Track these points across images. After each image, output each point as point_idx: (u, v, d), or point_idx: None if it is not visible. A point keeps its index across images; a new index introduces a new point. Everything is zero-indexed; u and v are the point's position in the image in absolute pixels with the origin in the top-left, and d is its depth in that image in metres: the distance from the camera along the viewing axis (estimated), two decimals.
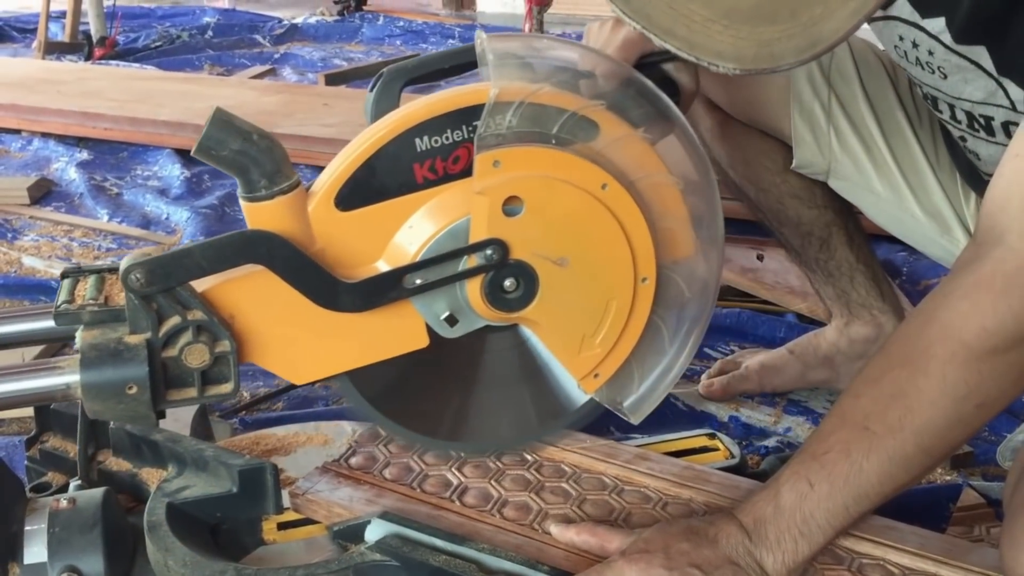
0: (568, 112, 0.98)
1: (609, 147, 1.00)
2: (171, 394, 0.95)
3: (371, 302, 0.98)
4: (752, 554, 0.94)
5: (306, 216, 0.97)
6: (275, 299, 0.96)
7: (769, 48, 0.79)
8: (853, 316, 1.56)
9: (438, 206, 0.99)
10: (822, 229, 1.52)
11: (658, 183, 1.03)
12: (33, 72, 3.72)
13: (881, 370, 0.95)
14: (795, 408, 1.59)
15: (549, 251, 1.00)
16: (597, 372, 1.05)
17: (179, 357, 0.93)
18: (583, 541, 1.04)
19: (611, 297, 1.03)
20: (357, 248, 0.99)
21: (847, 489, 0.93)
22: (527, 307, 1.01)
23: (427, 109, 0.98)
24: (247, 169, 0.94)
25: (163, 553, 1.02)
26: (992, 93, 1.10)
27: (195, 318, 0.93)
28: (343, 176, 0.97)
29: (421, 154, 0.98)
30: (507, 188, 0.97)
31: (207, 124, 0.92)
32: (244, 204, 0.96)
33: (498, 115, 0.95)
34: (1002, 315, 0.88)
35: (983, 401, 0.90)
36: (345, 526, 1.09)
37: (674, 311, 1.08)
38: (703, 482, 1.16)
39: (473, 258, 0.98)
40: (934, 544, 1.06)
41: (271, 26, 4.90)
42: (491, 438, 1.16)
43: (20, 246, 2.34)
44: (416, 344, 1.02)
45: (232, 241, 0.94)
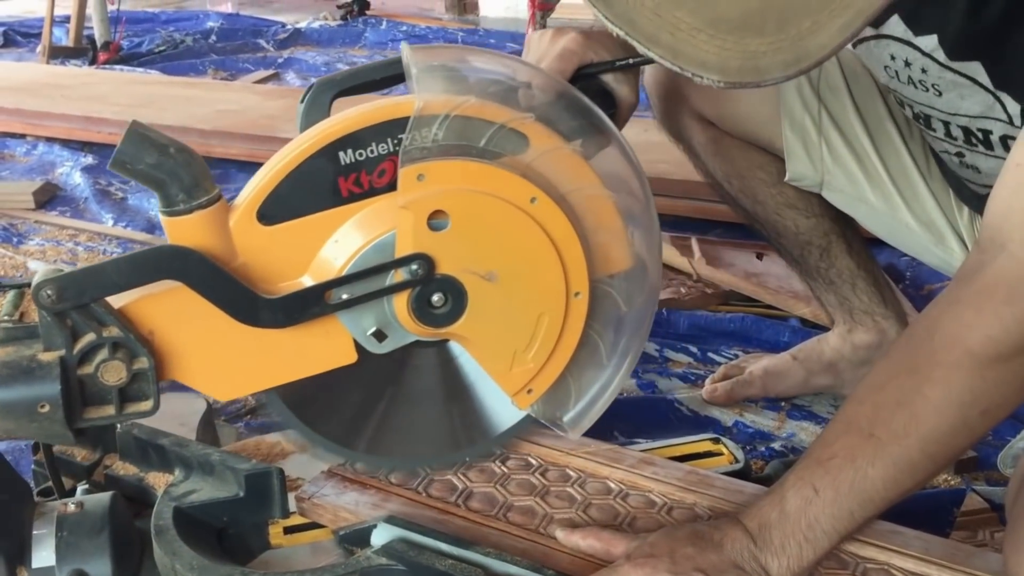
0: (495, 125, 0.97)
1: (539, 160, 0.99)
2: (88, 412, 0.94)
3: (293, 318, 0.97)
4: (757, 559, 0.95)
5: (227, 230, 0.96)
6: (195, 315, 0.95)
7: (755, 61, 0.77)
8: (856, 323, 1.56)
9: (364, 220, 0.98)
10: (821, 238, 1.52)
11: (591, 196, 1.02)
12: (38, 76, 3.73)
13: (886, 377, 0.95)
14: (799, 413, 1.59)
15: (477, 266, 0.99)
16: (530, 388, 1.05)
17: (95, 374, 0.92)
18: (588, 545, 1.04)
19: (542, 312, 1.02)
20: (282, 263, 0.98)
21: (852, 495, 0.93)
22: (456, 322, 1.00)
23: (350, 122, 0.97)
24: (164, 183, 0.93)
25: (170, 557, 1.02)
26: (990, 107, 1.11)
27: (111, 335, 0.92)
28: (265, 190, 0.96)
29: (345, 167, 0.97)
30: (432, 202, 0.96)
31: (122, 138, 0.91)
32: (163, 219, 0.95)
33: (423, 128, 0.94)
34: (1006, 323, 0.88)
35: (988, 408, 0.91)
36: (351, 530, 1.09)
37: (611, 326, 1.07)
38: (707, 487, 1.16)
39: (400, 273, 0.97)
40: (938, 549, 1.06)
41: (275, 31, 4.91)
42: (416, 453, 1.15)
43: (25, 250, 2.35)
44: (344, 360, 1.01)
45: (147, 257, 0.93)
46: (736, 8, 0.77)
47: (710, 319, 1.89)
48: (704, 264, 2.01)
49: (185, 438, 1.21)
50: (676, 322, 1.89)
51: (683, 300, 1.94)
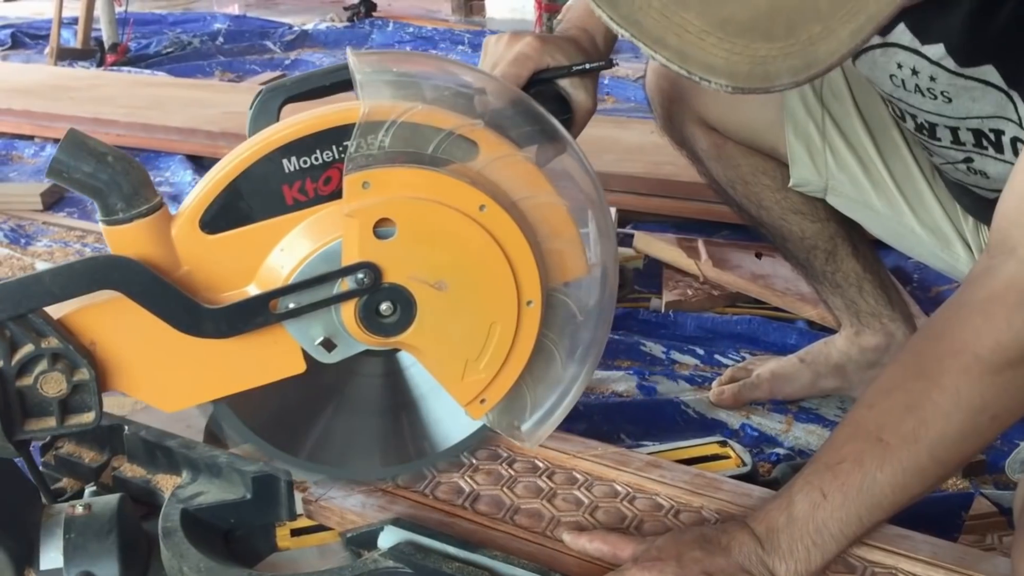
0: (444, 131, 0.96)
1: (488, 167, 0.97)
2: (29, 424, 0.93)
3: (237, 328, 0.96)
4: (764, 563, 0.95)
5: (169, 239, 0.95)
6: (138, 325, 0.94)
7: (764, 66, 0.76)
8: (863, 325, 1.56)
9: (310, 228, 0.97)
10: (826, 241, 1.52)
11: (543, 204, 1.01)
12: (46, 79, 3.74)
13: (895, 381, 0.95)
14: (806, 416, 1.59)
15: (425, 274, 0.97)
16: (483, 397, 1.04)
17: (35, 386, 0.91)
18: (595, 549, 1.04)
19: (494, 321, 1.00)
20: (226, 271, 0.97)
21: (860, 499, 0.93)
22: (405, 332, 0.99)
23: (294, 130, 0.95)
24: (102, 192, 0.92)
25: (177, 559, 1.02)
26: (1002, 106, 1.10)
27: (50, 346, 0.91)
28: (207, 198, 0.95)
29: (290, 175, 0.95)
30: (378, 210, 0.95)
31: (59, 145, 0.91)
32: (103, 228, 0.94)
33: (369, 134, 0.93)
34: (1016, 329, 0.88)
35: (997, 413, 0.90)
36: (358, 533, 1.09)
37: (567, 333, 1.06)
38: (715, 490, 1.16)
39: (346, 282, 0.96)
40: (946, 553, 1.06)
41: (282, 32, 4.92)
42: (361, 463, 1.15)
43: (33, 252, 2.35)
44: (293, 370, 1.00)
45: (85, 266, 0.92)
46: (745, 10, 0.75)
47: (717, 321, 1.88)
48: (711, 266, 2.00)
49: (192, 440, 1.21)
50: (683, 324, 1.88)
51: (690, 302, 1.94)
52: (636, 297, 2.01)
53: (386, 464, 1.16)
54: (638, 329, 1.88)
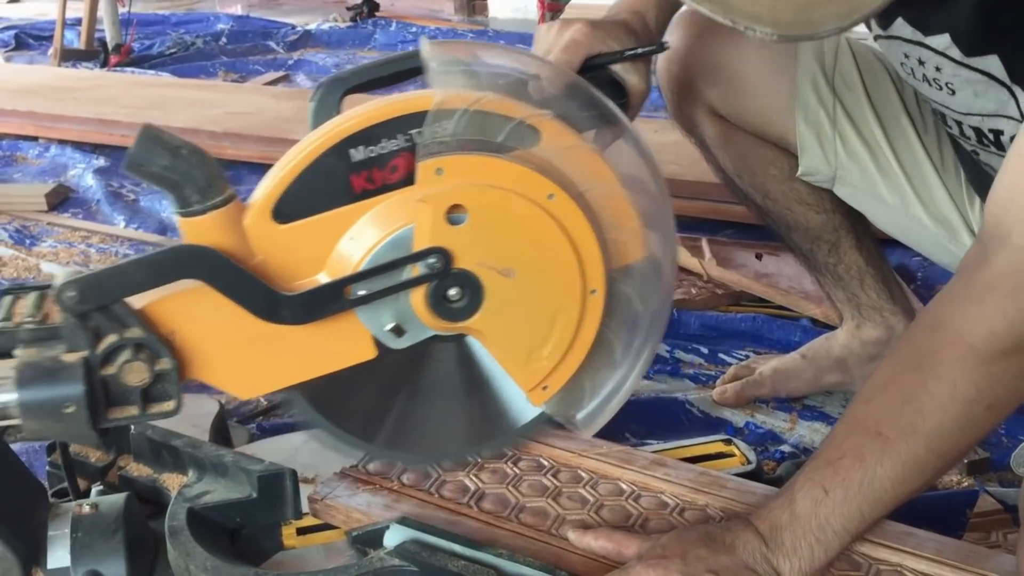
0: (514, 120, 0.96)
1: (557, 157, 0.98)
2: (112, 412, 0.94)
3: (313, 314, 0.97)
4: (768, 560, 0.95)
5: (242, 230, 0.96)
6: (216, 314, 0.95)
7: (807, 14, 0.76)
8: (864, 319, 1.56)
9: (379, 216, 0.98)
10: (831, 233, 1.52)
11: (607, 194, 1.01)
12: (49, 79, 3.75)
13: (891, 375, 0.95)
14: (810, 413, 1.59)
15: (494, 261, 0.98)
16: (545, 384, 1.05)
17: (118, 375, 0.92)
18: (600, 547, 1.04)
19: (559, 309, 1.01)
20: (297, 260, 0.98)
21: (862, 495, 0.93)
22: (472, 317, 1.00)
23: (360, 119, 0.96)
24: (178, 185, 0.93)
25: (184, 558, 1.03)
26: (1004, 104, 1.10)
27: (133, 336, 0.92)
28: (278, 189, 0.96)
29: (357, 164, 0.96)
30: (450, 196, 0.96)
31: (135, 141, 0.91)
32: (178, 220, 0.95)
33: (441, 122, 0.94)
34: (1011, 318, 0.88)
35: (993, 403, 0.90)
36: (364, 531, 1.09)
37: (626, 325, 1.06)
38: (719, 488, 1.16)
39: (417, 267, 0.97)
40: (951, 550, 1.05)
41: (285, 32, 4.92)
42: (434, 448, 1.15)
43: (38, 252, 2.36)
44: (364, 356, 1.01)
45: (167, 256, 0.93)
46: None
47: (721, 320, 1.89)
48: (715, 265, 2.01)
49: (198, 439, 1.22)
50: (687, 323, 1.88)
51: (694, 301, 1.94)
52: None
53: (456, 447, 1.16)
54: None
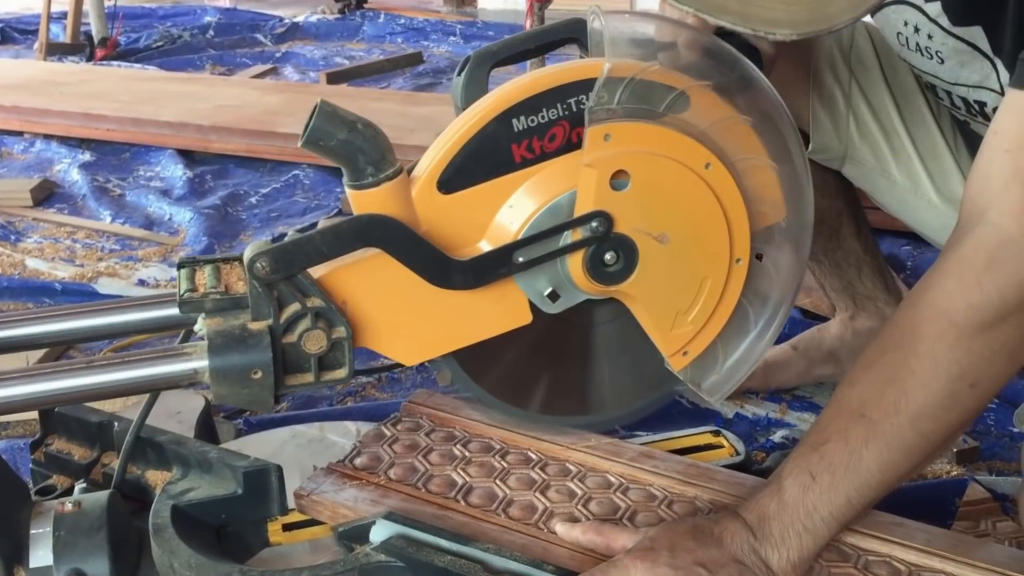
0: (677, 91, 0.99)
1: (712, 127, 1.01)
2: (289, 379, 0.98)
3: (482, 279, 1.00)
4: (757, 552, 0.94)
5: (410, 200, 0.99)
6: (386, 283, 0.99)
7: (823, 9, 0.79)
8: (859, 309, 1.56)
9: (538, 184, 1.01)
10: (833, 218, 1.52)
11: (757, 167, 1.04)
12: (35, 74, 3.72)
13: (874, 355, 0.95)
14: (800, 403, 1.59)
15: (651, 226, 1.01)
16: (686, 350, 1.06)
17: (298, 343, 0.96)
18: (589, 540, 1.03)
19: (706, 276, 1.04)
20: (460, 229, 1.01)
21: (848, 479, 0.92)
22: (626, 281, 1.02)
23: (523, 89, 0.99)
24: (354, 158, 0.96)
25: (168, 555, 1.02)
26: (987, 76, 1.11)
27: (313, 305, 0.96)
28: (444, 160, 1.00)
29: (518, 134, 1.00)
30: (616, 162, 0.98)
31: (314, 117, 0.95)
32: (350, 192, 0.98)
33: (610, 89, 0.96)
34: (987, 291, 0.88)
35: (977, 380, 0.90)
36: (350, 527, 1.08)
37: (761, 294, 1.08)
38: (708, 479, 1.16)
39: (578, 231, 1.00)
40: (940, 540, 1.05)
41: (272, 25, 4.91)
42: (601, 411, 1.18)
43: (24, 248, 2.35)
44: (520, 321, 1.04)
45: (351, 226, 0.97)
46: None
47: None
48: None
49: (183, 435, 1.20)
50: None
51: None
52: None
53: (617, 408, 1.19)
54: None
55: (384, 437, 1.23)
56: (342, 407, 1.61)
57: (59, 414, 1.23)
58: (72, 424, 1.22)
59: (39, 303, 2.02)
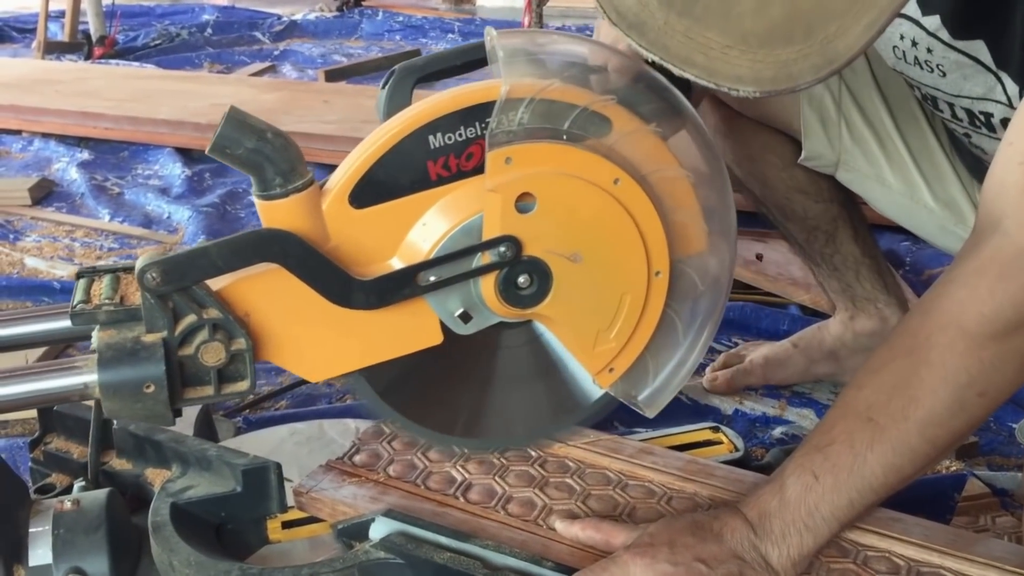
0: (579, 107, 0.97)
1: (621, 142, 0.99)
2: (188, 392, 0.95)
3: (385, 299, 0.98)
4: (757, 548, 0.94)
5: (320, 214, 0.97)
6: (290, 297, 0.97)
7: (787, 69, 0.79)
8: (858, 310, 1.56)
9: (452, 203, 0.99)
10: (828, 223, 1.51)
11: (670, 177, 1.02)
12: (33, 72, 3.72)
13: (883, 361, 0.95)
14: (799, 400, 1.59)
15: (562, 247, 0.99)
16: (612, 366, 1.05)
17: (195, 355, 0.93)
18: (588, 537, 1.04)
19: (625, 291, 1.02)
20: (371, 245, 0.99)
21: (852, 481, 0.92)
22: (541, 303, 1.01)
23: (440, 106, 0.98)
24: (262, 167, 0.94)
25: (168, 553, 1.02)
26: (991, 88, 1.10)
27: (211, 316, 0.93)
28: (357, 174, 0.97)
29: (434, 151, 0.98)
30: (519, 185, 0.97)
31: (222, 123, 0.93)
32: (258, 202, 0.96)
33: (509, 112, 0.95)
34: (999, 301, 0.88)
35: (985, 389, 0.90)
36: (349, 524, 1.09)
37: (688, 304, 1.07)
38: (707, 476, 1.16)
39: (487, 255, 0.98)
40: (939, 535, 1.05)
41: (270, 23, 4.90)
42: (504, 434, 1.14)
43: (22, 247, 2.34)
44: (430, 341, 1.02)
45: (247, 240, 0.95)
46: (763, 23, 0.79)
47: None
48: None
49: (182, 434, 1.20)
50: None
51: None
52: None
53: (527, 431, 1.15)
54: None
55: (383, 434, 1.23)
56: (341, 404, 1.61)
57: (58, 412, 1.23)
58: (71, 423, 1.22)
59: (38, 302, 2.02)
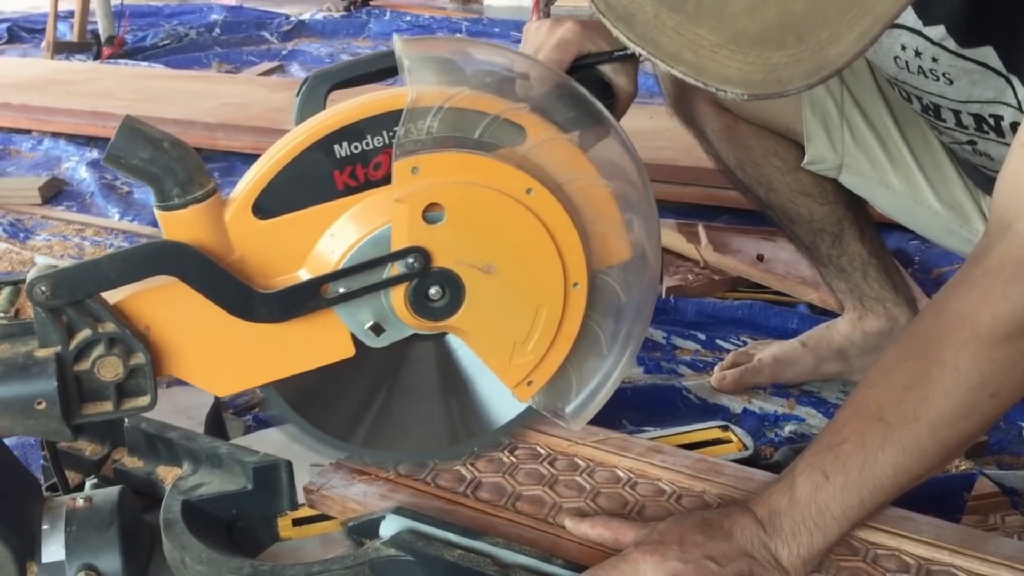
0: (490, 116, 0.95)
1: (534, 150, 0.97)
2: (86, 408, 0.93)
3: (290, 312, 0.96)
4: (767, 546, 0.94)
5: (223, 224, 0.95)
6: (192, 310, 0.94)
7: (776, 73, 0.78)
8: (867, 310, 1.56)
9: (360, 213, 0.97)
10: (834, 225, 1.51)
11: (588, 186, 1.01)
12: (42, 72, 3.73)
13: (895, 361, 0.95)
14: (808, 399, 1.59)
15: (474, 258, 0.98)
16: (531, 379, 1.04)
17: (92, 370, 0.91)
18: (597, 534, 1.04)
19: (541, 303, 1.01)
20: (277, 257, 0.97)
21: (862, 480, 0.92)
22: (454, 315, 0.99)
23: (345, 115, 0.95)
24: (158, 178, 0.92)
25: (179, 550, 1.02)
26: (1002, 91, 1.10)
27: (107, 331, 0.91)
28: (260, 184, 0.95)
29: (341, 160, 0.95)
30: (427, 195, 0.95)
31: (116, 133, 0.90)
32: (158, 213, 0.94)
33: (417, 120, 0.93)
34: (1012, 303, 0.88)
35: (997, 391, 0.90)
36: (360, 522, 1.09)
37: (611, 316, 1.06)
38: (717, 474, 1.16)
39: (396, 266, 0.96)
40: (949, 534, 1.05)
41: (278, 23, 4.91)
42: (413, 447, 1.14)
43: (32, 246, 2.35)
44: (342, 354, 1.00)
45: (142, 252, 0.93)
46: (755, 23, 0.78)
47: (717, 306, 1.88)
48: (711, 251, 2.00)
49: (193, 431, 1.21)
50: (683, 309, 1.88)
51: (690, 287, 1.93)
52: None
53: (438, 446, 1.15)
54: None
55: None
56: None
57: None
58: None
59: None
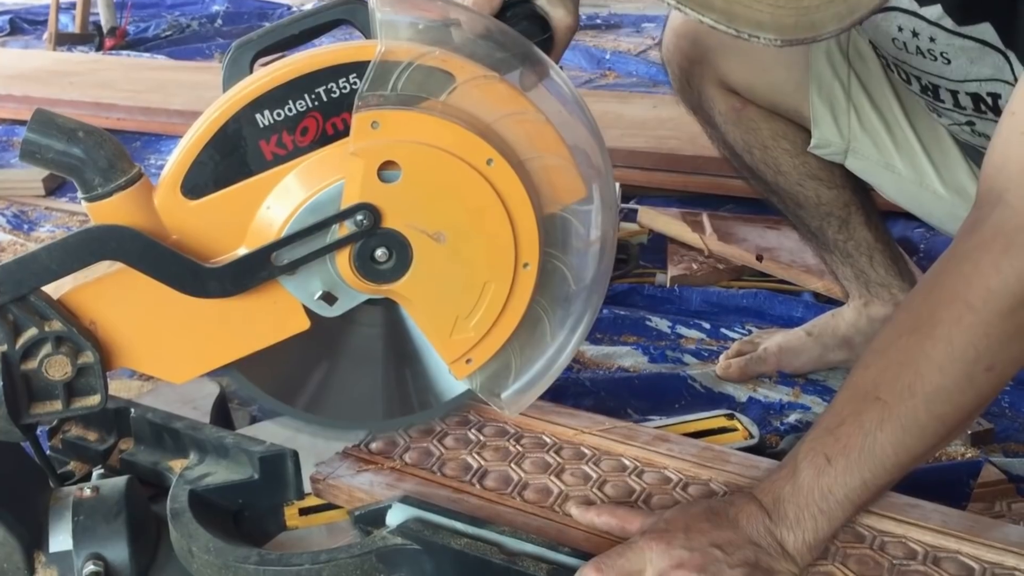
0: (459, 80, 0.93)
1: (500, 122, 0.95)
2: (35, 408, 0.92)
3: (241, 284, 0.94)
4: (772, 533, 0.94)
5: (154, 209, 0.92)
6: (137, 298, 0.92)
7: (809, 16, 0.77)
8: (872, 296, 1.55)
9: (295, 181, 0.94)
10: (841, 209, 1.51)
11: (551, 166, 0.98)
12: (45, 64, 3.73)
13: (889, 339, 0.94)
14: (813, 387, 1.58)
15: (425, 224, 0.95)
16: (469, 357, 1.02)
17: (40, 370, 0.90)
18: (604, 523, 1.04)
19: (489, 279, 0.98)
20: (216, 235, 0.95)
21: (863, 461, 0.92)
22: (399, 280, 0.97)
23: (263, 82, 0.93)
24: (78, 169, 0.89)
25: (186, 540, 1.03)
26: (1000, 68, 1.09)
27: (53, 329, 0.90)
28: (185, 163, 0.93)
29: (265, 130, 0.93)
30: (385, 152, 0.92)
31: (27, 126, 0.88)
32: (86, 206, 0.91)
33: (382, 74, 0.90)
34: (1005, 275, 0.87)
35: (993, 364, 0.89)
36: (366, 511, 1.09)
37: (559, 302, 1.04)
38: (722, 462, 1.16)
39: (344, 225, 0.94)
40: (955, 521, 1.05)
41: (280, 13, 4.89)
42: (354, 416, 1.14)
43: (36, 237, 2.35)
44: (297, 328, 0.99)
45: (80, 238, 0.90)
46: None
47: (722, 295, 1.88)
48: (716, 240, 2.00)
49: (199, 421, 1.21)
50: (688, 298, 1.88)
51: (695, 276, 1.93)
52: (641, 272, 2.00)
53: (388, 416, 1.15)
54: (643, 304, 1.87)
55: None
56: None
57: None
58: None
59: None
